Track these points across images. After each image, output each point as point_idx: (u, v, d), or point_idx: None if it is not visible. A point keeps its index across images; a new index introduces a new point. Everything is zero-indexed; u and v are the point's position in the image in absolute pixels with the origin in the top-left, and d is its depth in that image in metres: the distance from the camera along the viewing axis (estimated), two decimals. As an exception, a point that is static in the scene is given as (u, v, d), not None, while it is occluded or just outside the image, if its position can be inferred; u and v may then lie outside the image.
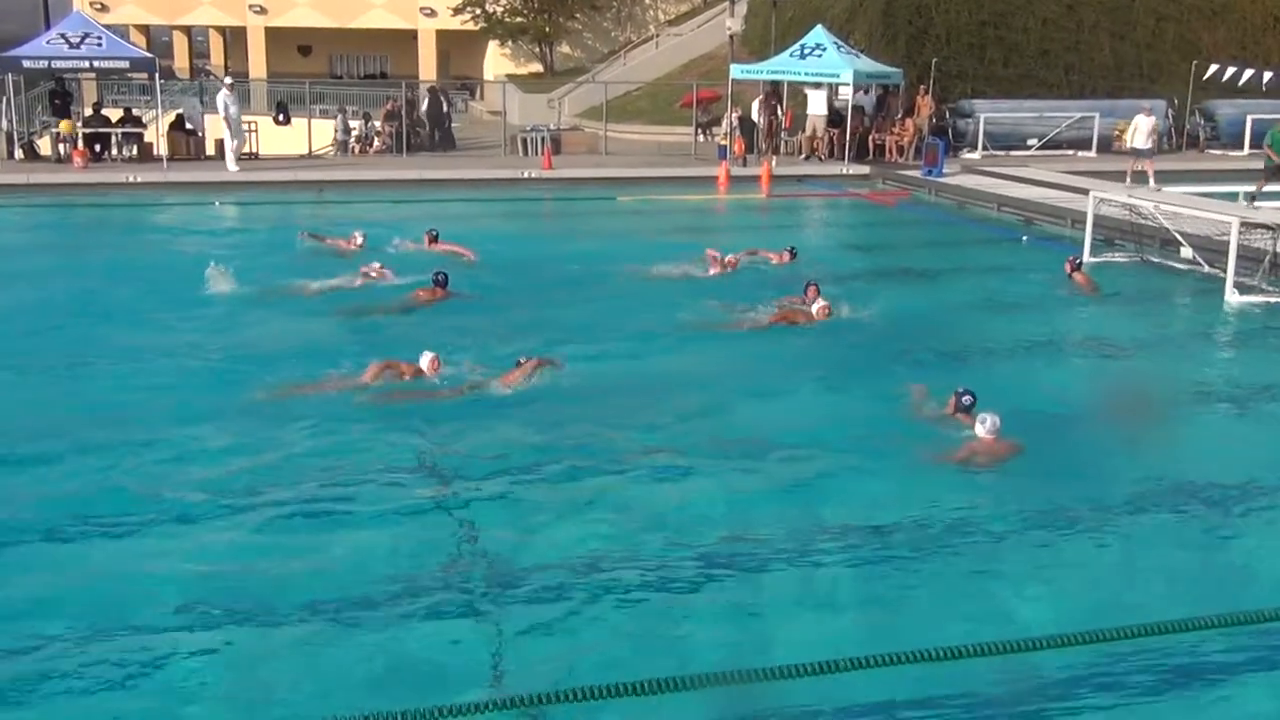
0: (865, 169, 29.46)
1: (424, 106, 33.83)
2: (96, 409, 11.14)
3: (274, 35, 53.42)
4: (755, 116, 31.78)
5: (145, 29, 56.55)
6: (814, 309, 14.37)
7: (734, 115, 31.14)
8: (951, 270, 18.81)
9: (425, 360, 11.75)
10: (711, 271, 17.20)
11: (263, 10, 52.63)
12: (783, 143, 31.85)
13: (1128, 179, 25.11)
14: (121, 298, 15.91)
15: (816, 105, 30.95)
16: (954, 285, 17.34)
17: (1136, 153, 25.87)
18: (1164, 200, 19.31)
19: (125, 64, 28.10)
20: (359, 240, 18.20)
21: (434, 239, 18.79)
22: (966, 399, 10.56)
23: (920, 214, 25.41)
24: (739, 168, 28.70)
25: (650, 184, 27.64)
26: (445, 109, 34.35)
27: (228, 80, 28.98)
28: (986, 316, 15.44)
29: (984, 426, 9.96)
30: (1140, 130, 25.94)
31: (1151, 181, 24.91)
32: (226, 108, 27.63)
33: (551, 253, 19.45)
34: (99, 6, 49.83)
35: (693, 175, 28.83)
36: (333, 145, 32.74)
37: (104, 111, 30.69)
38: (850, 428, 10.84)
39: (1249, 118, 32.46)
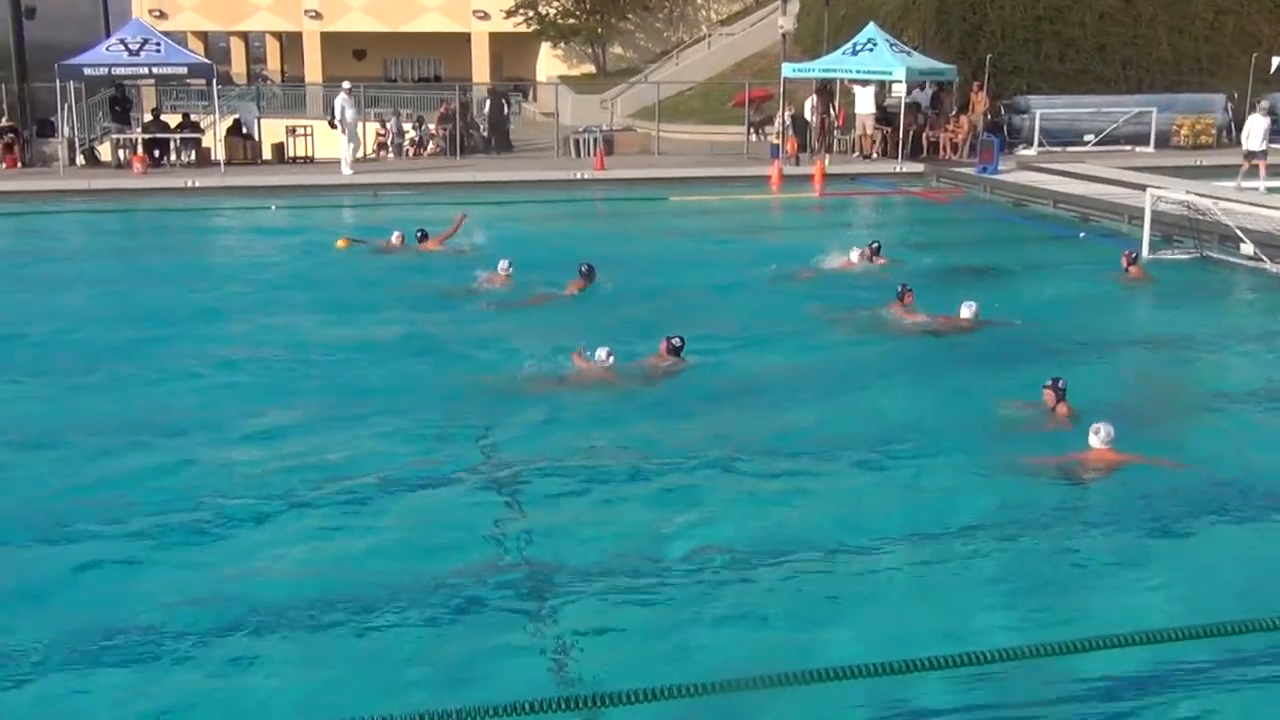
0: (919, 167, 29.26)
1: (486, 110, 33.97)
2: (173, 408, 11.39)
3: (329, 40, 53.90)
4: (808, 115, 31.66)
5: (203, 35, 57.25)
6: (964, 314, 14.24)
7: (786, 114, 31.04)
8: (1009, 267, 18.67)
9: (600, 353, 12.08)
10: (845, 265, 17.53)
11: (318, 15, 53.12)
12: (835, 141, 31.71)
13: (1239, 181, 24.32)
14: (194, 300, 16.23)
15: (864, 104, 30.78)
16: (1013, 282, 17.25)
17: (1250, 154, 25.03)
18: (1223, 196, 19.06)
19: (184, 70, 28.41)
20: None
21: (423, 238, 19.16)
22: (1061, 383, 10.54)
23: (975, 211, 25.20)
24: (792, 167, 28.61)
25: (703, 184, 27.64)
26: (506, 112, 34.51)
27: (346, 85, 29.35)
28: (1047, 313, 15.21)
29: (1098, 437, 9.65)
30: (1255, 132, 25.20)
31: (1262, 179, 24.13)
32: (344, 111, 28.04)
33: (613, 253, 19.53)
34: (158, 14, 50.51)
35: (745, 175, 28.77)
36: (377, 149, 32.94)
37: (163, 117, 31.13)
38: (948, 429, 10.85)
39: (1312, 111, 31.90)
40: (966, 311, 14.23)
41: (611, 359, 12.07)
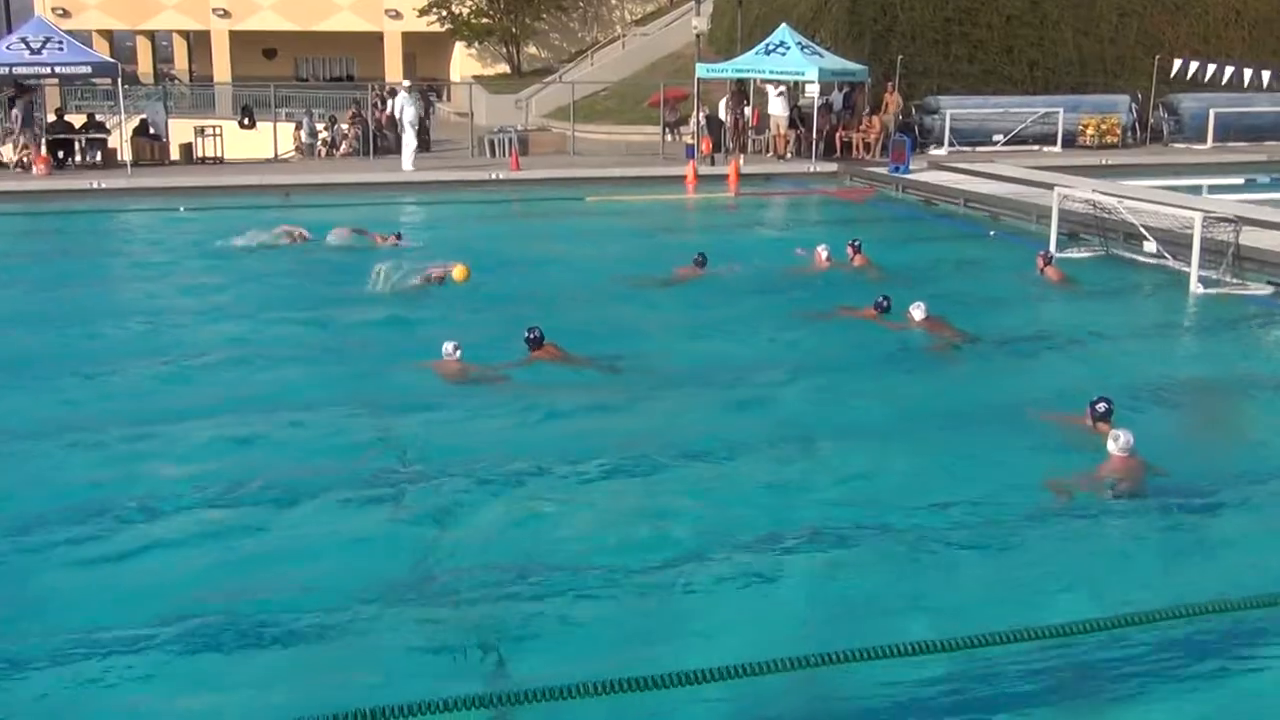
0: (833, 166, 29.50)
1: (388, 109, 33.65)
2: (69, 412, 11.18)
3: (238, 39, 53.09)
4: (722, 115, 31.82)
5: (108, 34, 56.10)
6: (916, 317, 14.22)
7: (701, 114, 31.16)
8: (923, 266, 18.84)
9: (446, 348, 12.19)
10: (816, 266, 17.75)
11: (226, 14, 52.31)
12: (750, 141, 31.88)
13: None
14: (99, 303, 15.98)
15: (777, 104, 31.00)
16: (927, 281, 17.40)
17: None
18: (1127, 195, 19.45)
19: (88, 69, 27.82)
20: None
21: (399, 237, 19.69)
22: (1101, 406, 10.21)
23: (887, 210, 25.49)
24: (707, 167, 28.71)
25: (619, 184, 27.64)
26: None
27: (406, 84, 29.85)
28: (964, 312, 15.34)
29: (1116, 444, 9.48)
30: None
31: None
32: (404, 109, 28.41)
33: (531, 253, 19.56)
34: (61, 12, 49.43)
35: (661, 175, 28.80)
36: (295, 149, 32.57)
37: (67, 118, 30.45)
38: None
39: (1211, 111, 32.72)
40: (918, 313, 14.24)
41: (458, 352, 12.18)
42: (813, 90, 29.98)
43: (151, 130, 30.05)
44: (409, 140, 28.42)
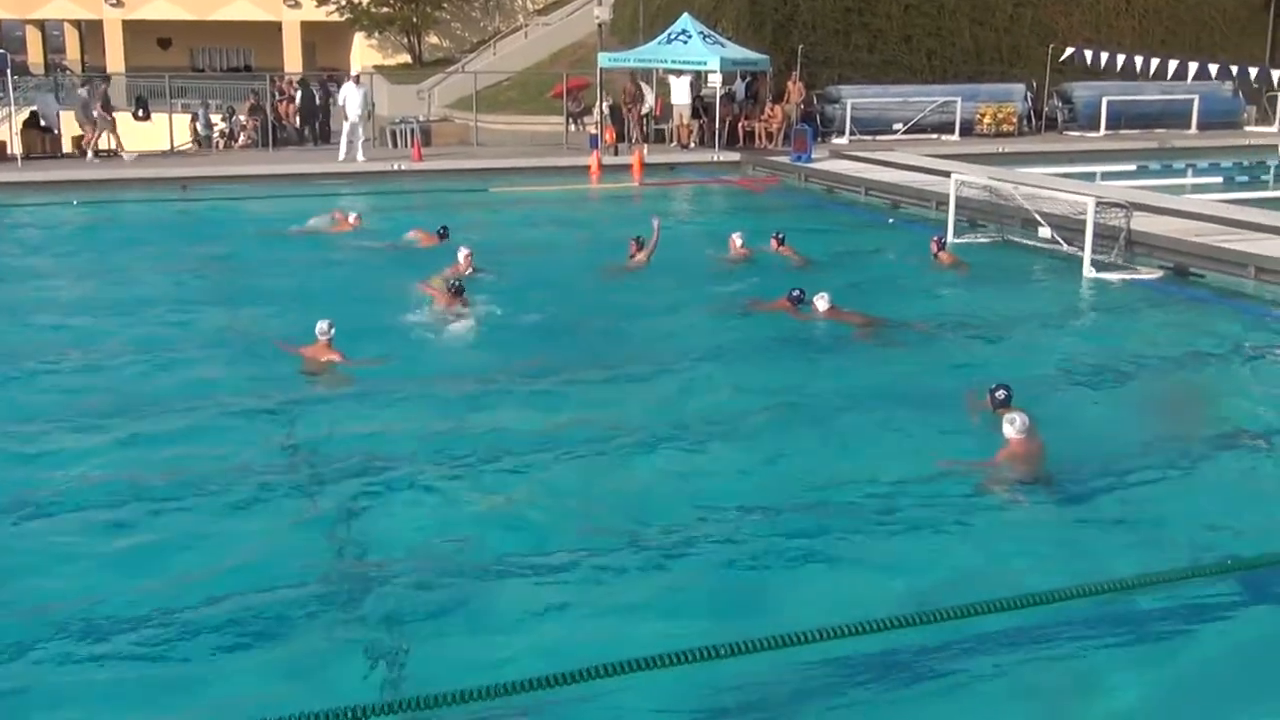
0: (736, 156, 29.69)
1: (298, 101, 33.14)
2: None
3: (132, 28, 51.92)
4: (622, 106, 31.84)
5: (-5, 23, 54.68)
6: (821, 307, 14.32)
7: (604, 104, 31.15)
8: (823, 253, 19.06)
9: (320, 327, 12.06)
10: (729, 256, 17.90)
11: (119, 3, 51.12)
12: (653, 131, 31.96)
13: None
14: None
15: (679, 94, 31.11)
16: (827, 268, 17.62)
17: None
18: (1023, 181, 19.84)
19: (-25, 60, 27.11)
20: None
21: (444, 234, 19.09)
22: (1001, 394, 10.36)
23: (790, 199, 25.71)
24: (611, 157, 28.73)
25: (523, 175, 27.58)
26: (317, 102, 33.68)
27: (355, 73, 29.62)
28: (866, 299, 15.51)
29: (1013, 427, 9.58)
30: None
31: None
32: (347, 99, 28.09)
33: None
34: (-55, 0, 48.06)
35: (565, 165, 28.76)
36: (191, 141, 31.99)
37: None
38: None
39: (1104, 99, 33.48)
40: (821, 304, 14.35)
41: (332, 331, 12.05)
42: (715, 80, 30.11)
43: (43, 123, 29.32)
44: (355, 132, 28.05)
